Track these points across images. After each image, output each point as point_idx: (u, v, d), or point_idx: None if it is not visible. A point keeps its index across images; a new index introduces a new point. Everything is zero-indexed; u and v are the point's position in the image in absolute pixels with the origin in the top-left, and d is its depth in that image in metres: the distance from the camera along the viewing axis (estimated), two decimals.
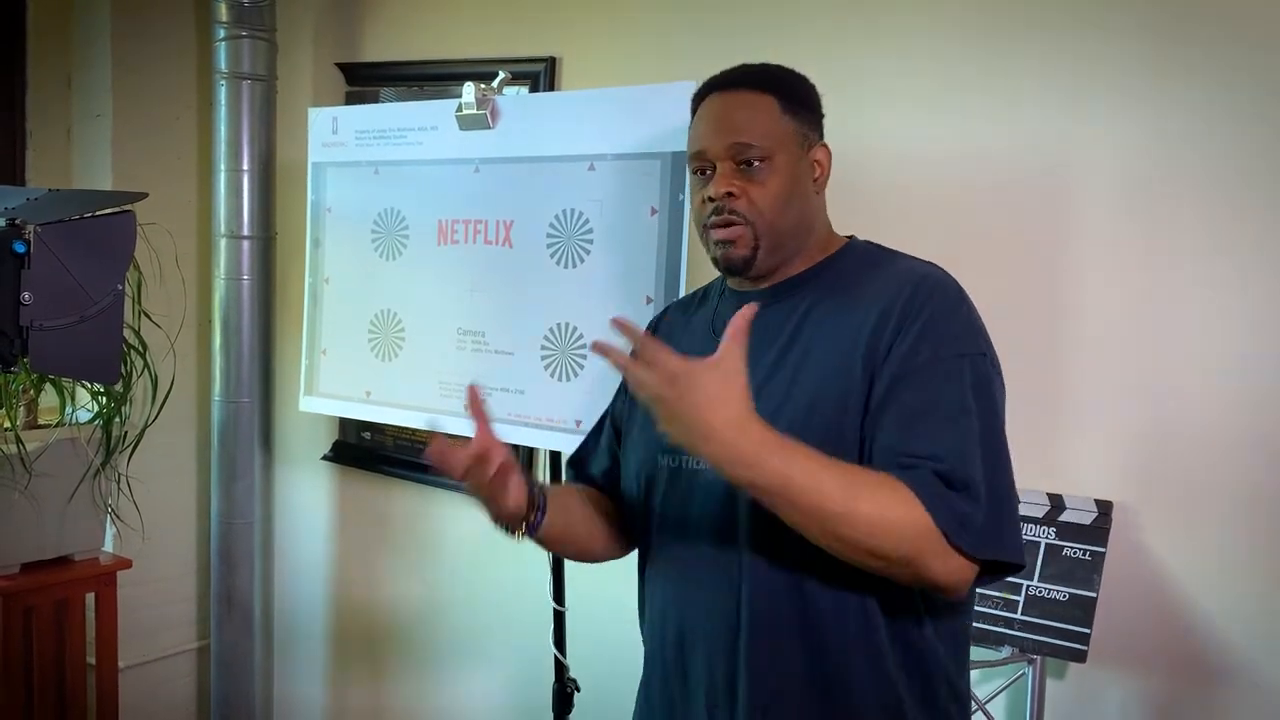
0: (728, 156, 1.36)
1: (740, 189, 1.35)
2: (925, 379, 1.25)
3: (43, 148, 2.98)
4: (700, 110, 1.42)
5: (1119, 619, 1.89)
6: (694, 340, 1.47)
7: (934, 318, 1.28)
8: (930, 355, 1.26)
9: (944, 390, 1.24)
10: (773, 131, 1.36)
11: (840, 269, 1.40)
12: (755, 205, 1.35)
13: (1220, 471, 1.84)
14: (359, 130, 2.41)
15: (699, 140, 1.40)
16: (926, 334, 1.27)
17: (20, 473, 2.47)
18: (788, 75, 1.42)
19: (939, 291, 1.31)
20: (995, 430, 1.26)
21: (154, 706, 3.14)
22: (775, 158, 1.36)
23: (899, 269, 1.37)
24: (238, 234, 2.87)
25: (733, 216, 1.35)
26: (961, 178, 2.03)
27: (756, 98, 1.37)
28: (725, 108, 1.38)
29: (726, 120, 1.37)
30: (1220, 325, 1.83)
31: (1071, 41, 1.92)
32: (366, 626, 3.03)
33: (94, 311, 1.42)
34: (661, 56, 2.39)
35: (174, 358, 2.77)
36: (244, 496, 2.94)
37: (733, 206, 1.35)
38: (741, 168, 1.36)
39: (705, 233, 1.40)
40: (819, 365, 1.31)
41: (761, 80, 1.39)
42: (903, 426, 1.24)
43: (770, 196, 1.36)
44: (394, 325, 2.36)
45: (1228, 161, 1.81)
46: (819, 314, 1.36)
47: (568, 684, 2.16)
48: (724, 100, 1.39)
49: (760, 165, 1.35)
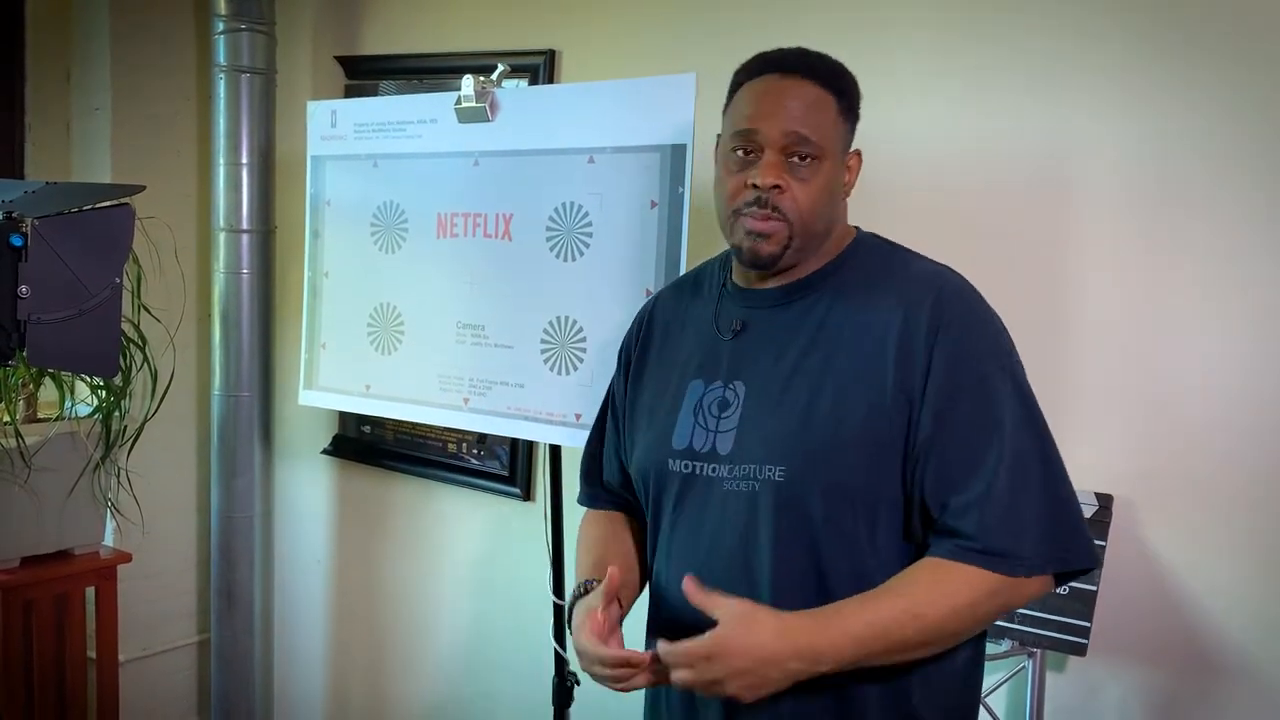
0: (780, 145, 1.29)
1: (786, 183, 1.29)
2: (966, 409, 1.25)
3: (42, 142, 2.97)
4: (754, 87, 1.33)
5: (1119, 613, 1.89)
6: (697, 338, 1.44)
7: (963, 332, 1.27)
8: (968, 378, 1.25)
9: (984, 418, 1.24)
10: (829, 132, 1.31)
11: (853, 269, 1.36)
12: (798, 204, 1.30)
13: (1220, 466, 1.83)
14: (358, 123, 2.40)
15: (752, 119, 1.31)
16: (960, 353, 1.26)
17: (20, 467, 2.47)
18: (848, 76, 1.36)
19: (961, 300, 1.30)
20: (1039, 435, 1.27)
21: (154, 700, 3.14)
22: (824, 159, 1.31)
23: (916, 273, 1.34)
24: (237, 227, 2.86)
25: (775, 212, 1.30)
26: (963, 176, 2.03)
27: (819, 93, 1.31)
28: (788, 93, 1.30)
29: (788, 107, 1.29)
30: (1221, 321, 1.83)
31: (1072, 40, 1.92)
32: (366, 620, 3.03)
33: (92, 305, 1.41)
34: (661, 49, 2.38)
35: (173, 351, 2.77)
36: (244, 490, 2.94)
37: (776, 201, 1.29)
38: (790, 160, 1.30)
39: (735, 218, 1.33)
40: (843, 374, 1.29)
41: (826, 75, 1.32)
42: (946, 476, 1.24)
43: (813, 197, 1.31)
44: (393, 319, 2.35)
45: (1230, 160, 1.81)
46: (837, 319, 1.32)
47: (568, 678, 2.16)
48: (786, 85, 1.31)
49: (812, 163, 1.30)
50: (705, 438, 1.36)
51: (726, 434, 1.34)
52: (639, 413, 1.49)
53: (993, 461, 1.23)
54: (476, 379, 2.22)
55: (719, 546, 1.34)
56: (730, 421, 1.35)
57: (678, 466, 1.39)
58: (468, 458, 2.76)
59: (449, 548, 2.84)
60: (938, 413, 1.25)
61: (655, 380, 1.48)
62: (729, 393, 1.36)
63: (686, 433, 1.38)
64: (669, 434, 1.40)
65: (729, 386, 1.36)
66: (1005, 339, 1.31)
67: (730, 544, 1.32)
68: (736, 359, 1.38)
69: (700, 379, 1.40)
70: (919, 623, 1.19)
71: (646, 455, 1.44)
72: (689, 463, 1.37)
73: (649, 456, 1.44)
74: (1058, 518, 1.25)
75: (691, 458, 1.37)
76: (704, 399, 1.38)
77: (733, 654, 1.17)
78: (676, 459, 1.39)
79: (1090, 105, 1.91)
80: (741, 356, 1.37)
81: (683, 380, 1.42)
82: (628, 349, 1.57)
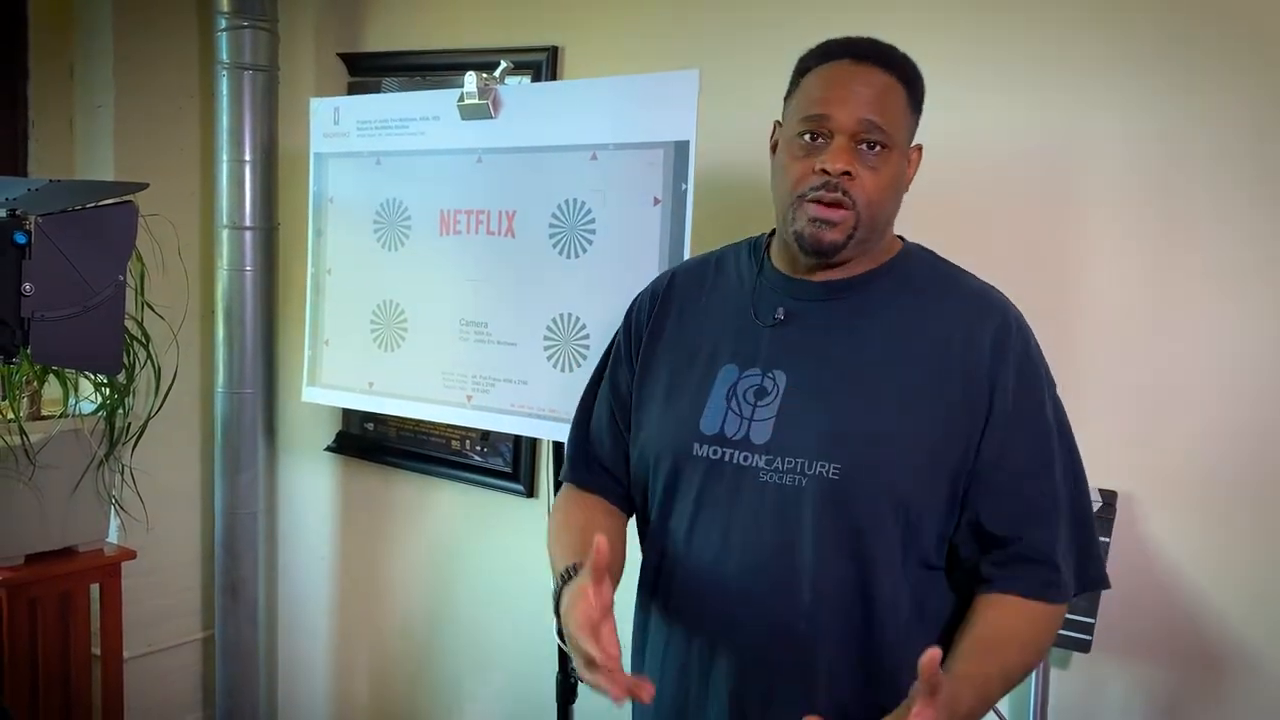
0: (853, 132, 1.28)
1: (857, 170, 1.28)
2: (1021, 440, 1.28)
3: (45, 139, 2.97)
4: (825, 72, 1.32)
5: (1123, 609, 1.89)
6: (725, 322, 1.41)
7: (1024, 362, 1.31)
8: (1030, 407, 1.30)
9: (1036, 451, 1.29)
10: (899, 121, 1.31)
11: (905, 275, 1.36)
12: (866, 192, 1.28)
13: (1225, 462, 1.83)
14: (361, 120, 2.40)
15: (824, 104, 1.29)
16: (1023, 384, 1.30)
17: (24, 464, 2.48)
18: (917, 68, 1.35)
19: (1022, 330, 1.33)
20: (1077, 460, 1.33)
21: (159, 696, 3.15)
22: (894, 149, 1.30)
23: (973, 290, 1.36)
24: (240, 225, 2.86)
25: (845, 197, 1.28)
26: (967, 171, 2.03)
27: (891, 82, 1.30)
28: (862, 80, 1.29)
29: (863, 94, 1.28)
30: (1226, 317, 1.83)
31: (1080, 33, 1.91)
32: (370, 616, 3.04)
33: (96, 302, 1.41)
34: (664, 45, 2.38)
35: (177, 349, 2.77)
36: (247, 487, 2.95)
37: (847, 186, 1.27)
38: (861, 149, 1.28)
39: (798, 204, 1.30)
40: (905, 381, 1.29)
41: (898, 66, 1.32)
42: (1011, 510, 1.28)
43: (882, 187, 1.29)
44: (396, 316, 2.35)
45: (1236, 156, 1.80)
46: (894, 323, 1.32)
47: (571, 675, 2.16)
48: (860, 72, 1.30)
49: (882, 152, 1.29)
50: (739, 424, 1.33)
51: (763, 423, 1.32)
52: (650, 391, 1.44)
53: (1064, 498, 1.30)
54: (479, 376, 2.22)
55: (757, 541, 1.30)
56: (768, 410, 1.32)
57: (704, 451, 1.35)
58: (470, 454, 2.77)
59: (452, 544, 2.84)
60: (1003, 440, 1.28)
61: (671, 359, 1.44)
62: (767, 381, 1.34)
63: (718, 418, 1.35)
64: (695, 418, 1.36)
65: (768, 375, 1.34)
66: (1046, 368, 1.35)
67: (769, 539, 1.29)
68: (777, 348, 1.35)
69: (734, 364, 1.37)
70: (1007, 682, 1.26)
71: (663, 437, 1.40)
72: (718, 449, 1.34)
73: (666, 439, 1.39)
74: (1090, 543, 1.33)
75: (721, 444, 1.34)
76: (739, 385, 1.35)
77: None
78: (704, 444, 1.35)
79: (1095, 101, 1.91)
80: (783, 346, 1.35)
81: (712, 363, 1.38)
82: (638, 323, 1.52)
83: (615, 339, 1.57)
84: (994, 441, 1.27)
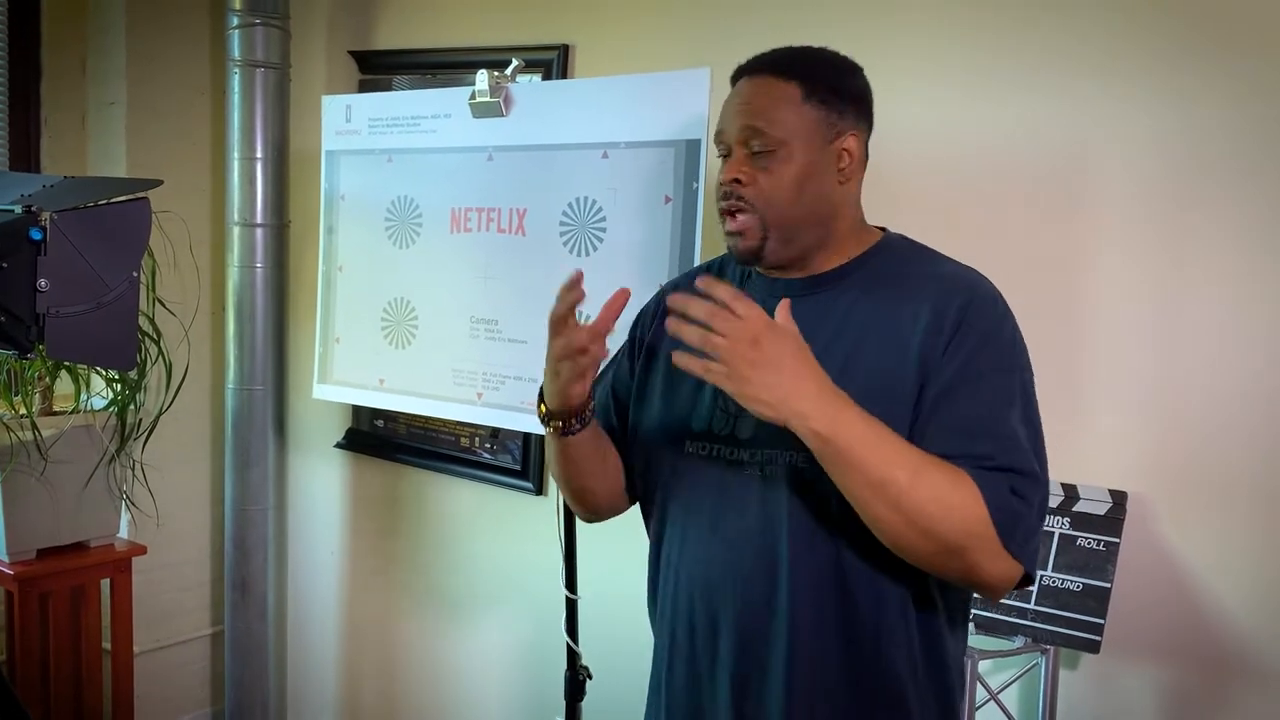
0: (740, 141, 1.34)
1: (750, 176, 1.33)
2: (983, 391, 1.25)
3: (58, 134, 2.99)
4: (731, 93, 1.39)
5: (1133, 609, 1.89)
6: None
7: (988, 332, 1.28)
8: (987, 369, 1.26)
9: (1002, 403, 1.26)
10: (788, 120, 1.33)
11: (880, 264, 1.37)
12: (764, 194, 1.33)
13: (1234, 462, 1.83)
14: (372, 118, 2.41)
15: (719, 122, 1.38)
16: (981, 348, 1.27)
17: (36, 459, 2.49)
18: (819, 62, 1.38)
19: (991, 306, 1.31)
20: (1042, 448, 1.28)
21: (169, 691, 3.16)
22: (790, 146, 1.32)
23: (947, 272, 1.35)
24: (252, 221, 2.87)
25: (739, 204, 1.33)
26: (978, 170, 2.02)
27: (777, 84, 1.34)
28: (746, 92, 1.36)
29: (744, 105, 1.35)
30: (1236, 316, 1.82)
31: (1090, 33, 1.91)
32: (379, 612, 3.04)
33: (109, 298, 1.42)
34: (675, 44, 2.38)
35: (188, 345, 2.78)
36: (258, 483, 2.96)
37: (740, 193, 1.33)
38: (754, 156, 1.33)
39: (721, 220, 1.38)
40: (869, 361, 1.30)
41: (787, 66, 1.35)
42: (964, 433, 1.24)
43: (780, 186, 1.33)
44: (407, 313, 2.36)
45: (1246, 155, 1.80)
46: (864, 310, 1.33)
47: (580, 672, 2.17)
48: (748, 85, 1.36)
49: (768, 153, 1.32)
50: (725, 420, 1.37)
51: (746, 418, 1.34)
52: (650, 392, 1.48)
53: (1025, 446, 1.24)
54: (490, 373, 2.22)
55: (742, 528, 1.34)
56: None
57: (694, 449, 1.40)
58: (480, 452, 2.77)
59: (461, 541, 2.84)
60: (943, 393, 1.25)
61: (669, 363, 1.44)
62: None
63: (706, 416, 1.39)
64: (687, 417, 1.41)
65: None
66: (1025, 356, 1.32)
67: (753, 525, 1.33)
68: None
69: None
70: (914, 479, 1.18)
71: (659, 437, 1.45)
72: (706, 445, 1.38)
73: (662, 439, 1.44)
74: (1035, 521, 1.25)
75: (710, 440, 1.38)
76: None
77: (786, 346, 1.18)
78: (694, 441, 1.40)
79: (1103, 103, 1.90)
80: None
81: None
82: (642, 326, 1.57)
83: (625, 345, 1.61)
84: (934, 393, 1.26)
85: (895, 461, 1.18)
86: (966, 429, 1.24)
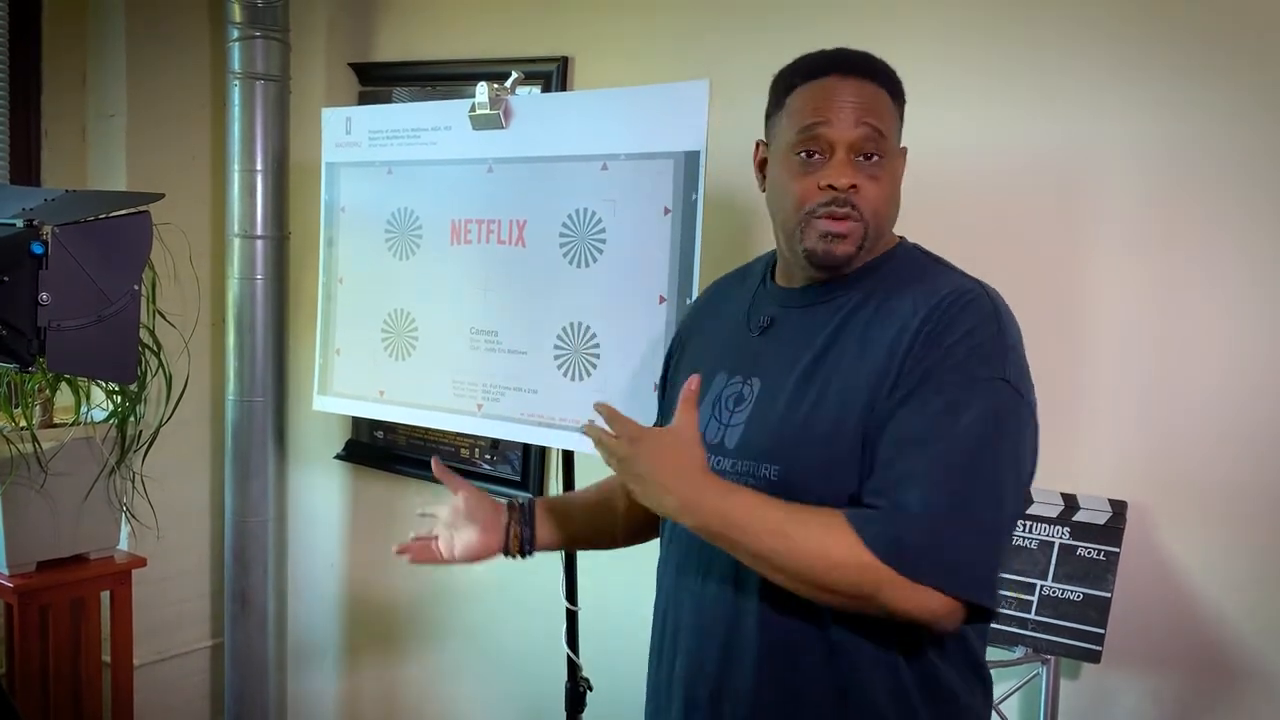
0: (850, 143, 1.28)
1: (861, 182, 1.28)
2: (922, 402, 1.21)
3: (58, 147, 2.99)
4: (815, 87, 1.31)
5: (1133, 619, 1.88)
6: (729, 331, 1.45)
7: (957, 337, 1.22)
8: (939, 376, 1.21)
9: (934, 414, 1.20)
10: (891, 128, 1.31)
11: (886, 274, 1.34)
12: (872, 202, 1.29)
13: (1234, 471, 1.83)
14: (372, 130, 2.41)
15: (820, 120, 1.28)
16: (946, 354, 1.22)
17: (36, 471, 2.49)
18: (896, 74, 1.35)
19: (969, 309, 1.25)
20: (986, 457, 1.20)
21: (169, 704, 3.15)
22: (890, 155, 1.31)
23: (938, 284, 1.29)
24: (252, 234, 2.88)
25: (854, 210, 1.28)
26: (975, 178, 2.03)
27: (878, 90, 1.30)
28: (852, 92, 1.29)
29: (857, 106, 1.28)
30: (1235, 325, 1.83)
31: (1087, 45, 1.92)
32: (379, 625, 3.04)
33: (110, 311, 1.42)
34: (675, 55, 2.39)
35: (188, 357, 2.77)
36: (258, 495, 2.95)
37: (854, 199, 1.28)
38: (859, 160, 1.28)
39: (807, 221, 1.30)
40: (848, 377, 1.27)
41: (881, 74, 1.32)
42: (885, 459, 1.21)
43: (884, 195, 1.31)
44: (407, 325, 2.36)
45: (1242, 163, 1.81)
46: (858, 322, 1.31)
47: (581, 683, 2.17)
48: (849, 85, 1.29)
49: (880, 160, 1.29)
50: (718, 430, 1.37)
51: (735, 428, 1.35)
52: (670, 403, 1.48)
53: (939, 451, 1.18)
54: (490, 385, 2.22)
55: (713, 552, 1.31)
56: (741, 416, 1.36)
57: None
58: (480, 463, 2.77)
59: None
60: (893, 408, 1.22)
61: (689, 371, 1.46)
62: (746, 388, 1.37)
63: (703, 425, 1.38)
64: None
65: (747, 382, 1.37)
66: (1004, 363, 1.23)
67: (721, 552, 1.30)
68: (759, 355, 1.38)
69: (725, 371, 1.41)
70: (789, 543, 1.19)
71: None
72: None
73: None
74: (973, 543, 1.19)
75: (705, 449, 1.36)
76: (724, 392, 1.39)
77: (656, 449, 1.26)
78: None
79: (1102, 109, 1.91)
80: (764, 353, 1.38)
81: (713, 372, 1.42)
82: (674, 342, 1.61)
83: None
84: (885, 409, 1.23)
85: (767, 531, 1.20)
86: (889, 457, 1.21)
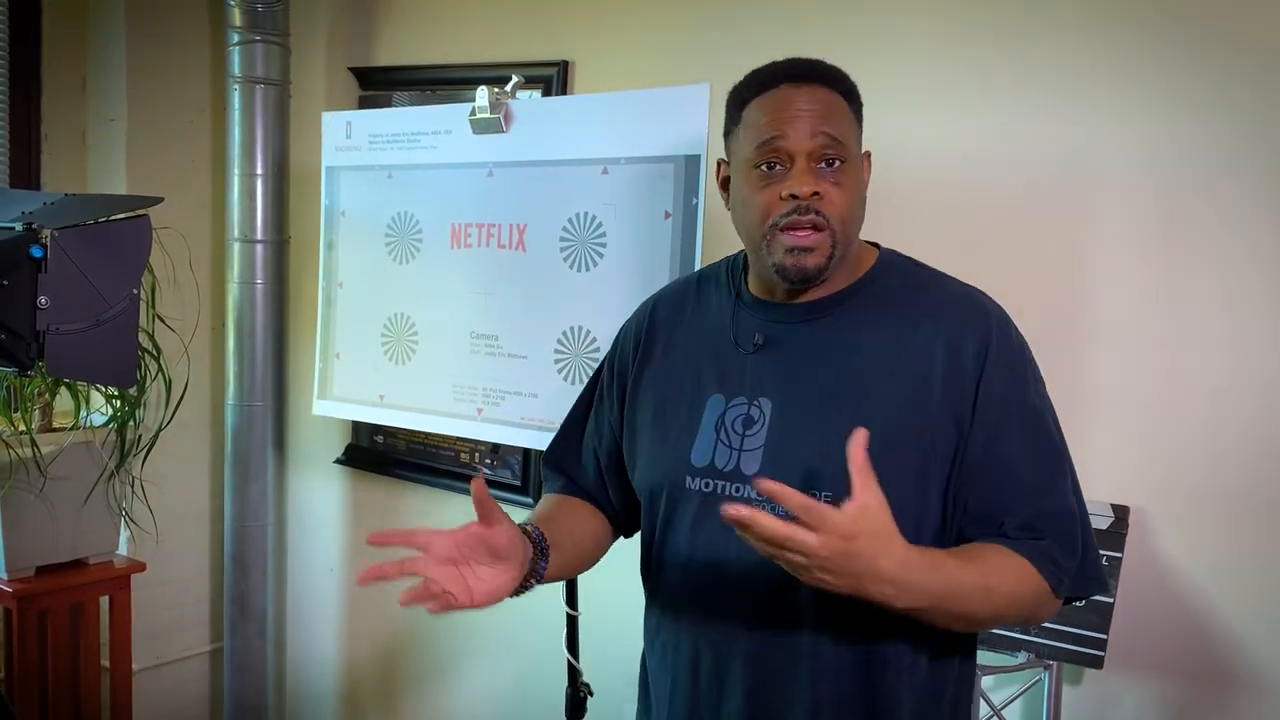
0: (810, 151, 1.26)
1: (824, 190, 1.25)
2: (1015, 433, 1.27)
3: (57, 151, 2.99)
4: (770, 99, 1.29)
5: (1135, 625, 1.88)
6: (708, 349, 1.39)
7: (1011, 364, 1.29)
8: (1019, 408, 1.28)
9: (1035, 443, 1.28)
10: (850, 133, 1.29)
11: (882, 287, 1.33)
12: (837, 209, 1.26)
13: (1237, 476, 1.83)
14: (373, 134, 2.41)
15: (776, 131, 1.26)
16: (1010, 386, 1.28)
17: (35, 476, 2.48)
18: (849, 78, 1.33)
19: (1008, 333, 1.31)
20: (1070, 467, 1.31)
21: (168, 709, 3.14)
22: (851, 160, 1.29)
23: (954, 295, 1.32)
24: (251, 238, 2.88)
25: (819, 218, 1.25)
26: (975, 180, 2.03)
27: (832, 95, 1.29)
28: (806, 99, 1.27)
29: (811, 113, 1.26)
30: (1237, 329, 1.82)
31: (1086, 41, 1.92)
32: (379, 629, 3.03)
33: (110, 315, 1.42)
34: (674, 59, 2.38)
35: (188, 361, 2.77)
36: (257, 499, 2.95)
37: (819, 206, 1.25)
38: (820, 167, 1.26)
39: (772, 234, 1.27)
40: (888, 398, 1.26)
41: (834, 79, 1.31)
42: (1004, 492, 1.26)
43: (849, 201, 1.27)
44: (407, 329, 2.36)
45: (1245, 164, 1.80)
46: (874, 339, 1.29)
47: (581, 689, 2.16)
48: (802, 92, 1.27)
49: (842, 165, 1.27)
50: (729, 455, 1.32)
51: (752, 453, 1.31)
52: (640, 425, 1.43)
53: (1067, 484, 1.28)
54: (490, 389, 2.22)
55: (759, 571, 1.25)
56: (756, 440, 1.31)
57: (697, 485, 1.34)
58: (480, 467, 2.77)
59: None
60: (989, 439, 1.26)
61: (657, 390, 1.43)
62: (754, 409, 1.32)
63: (708, 450, 1.34)
64: (686, 450, 1.35)
65: (754, 403, 1.33)
66: (1038, 371, 1.33)
67: (766, 572, 1.21)
68: (761, 374, 1.33)
69: (721, 393, 1.35)
70: (987, 599, 1.21)
71: (657, 471, 1.39)
72: (710, 481, 1.33)
73: (660, 472, 1.39)
74: (1090, 548, 1.30)
75: (713, 476, 1.33)
76: (726, 414, 1.34)
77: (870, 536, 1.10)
78: (696, 477, 1.34)
79: (1105, 111, 1.91)
80: (766, 372, 1.33)
81: (699, 393, 1.37)
82: (624, 358, 1.50)
83: (600, 369, 1.56)
84: (978, 442, 1.26)
85: (976, 594, 1.20)
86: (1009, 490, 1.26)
